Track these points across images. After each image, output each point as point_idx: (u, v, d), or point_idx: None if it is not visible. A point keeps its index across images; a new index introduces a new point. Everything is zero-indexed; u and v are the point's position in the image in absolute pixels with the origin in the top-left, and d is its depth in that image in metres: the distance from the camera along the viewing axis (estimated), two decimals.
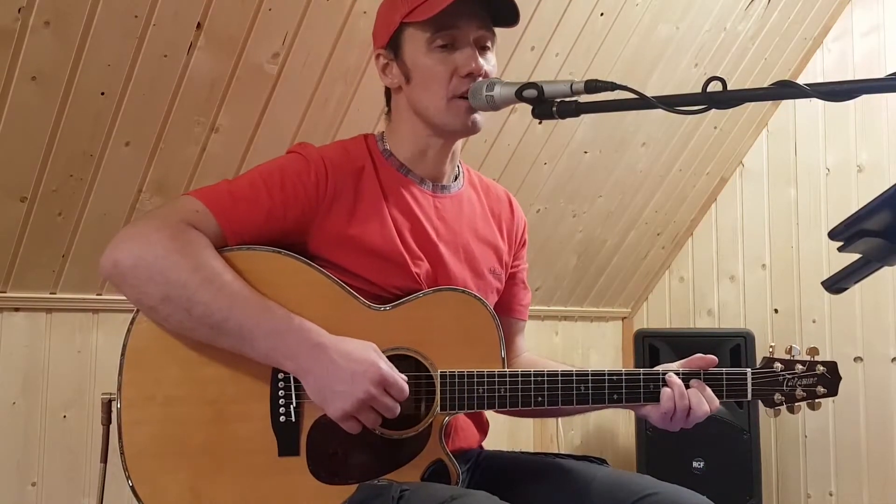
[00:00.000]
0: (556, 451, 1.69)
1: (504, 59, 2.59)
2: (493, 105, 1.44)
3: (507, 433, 3.25)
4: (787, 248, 3.65)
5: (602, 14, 2.71)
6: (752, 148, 3.74)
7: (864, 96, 1.05)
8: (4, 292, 2.18)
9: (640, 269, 3.82)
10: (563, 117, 1.32)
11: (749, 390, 1.52)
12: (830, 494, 3.53)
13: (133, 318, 1.39)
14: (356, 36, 2.24)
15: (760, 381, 1.52)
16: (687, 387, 1.48)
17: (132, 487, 1.36)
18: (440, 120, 1.50)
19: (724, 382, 1.50)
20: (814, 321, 3.56)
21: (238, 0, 2.02)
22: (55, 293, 2.25)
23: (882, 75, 1.00)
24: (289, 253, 1.43)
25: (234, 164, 2.28)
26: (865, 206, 0.94)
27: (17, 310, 2.21)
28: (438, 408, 1.42)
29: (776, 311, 3.66)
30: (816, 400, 1.53)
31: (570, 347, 3.68)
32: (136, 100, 2.02)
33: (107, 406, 1.49)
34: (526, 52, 2.62)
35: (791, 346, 1.54)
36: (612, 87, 1.25)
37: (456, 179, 1.61)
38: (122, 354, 1.38)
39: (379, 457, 1.39)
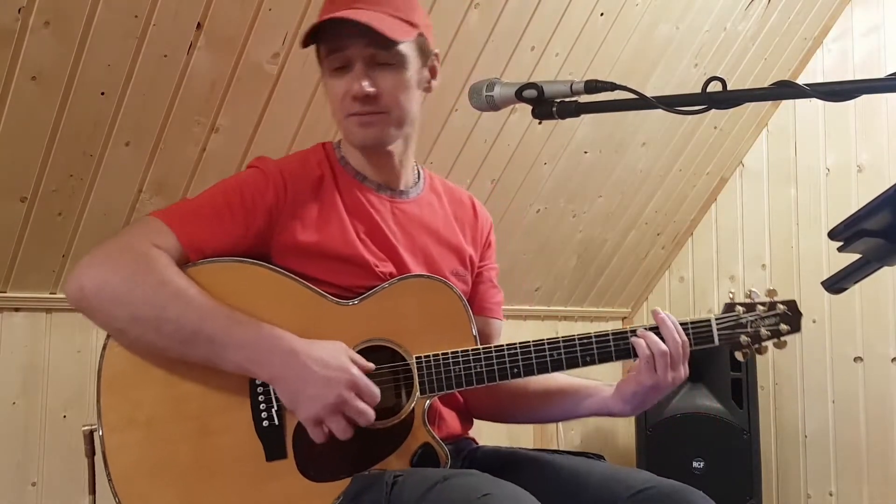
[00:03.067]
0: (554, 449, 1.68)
1: (504, 59, 2.59)
2: (493, 105, 1.44)
3: (506, 432, 3.25)
4: (787, 248, 3.65)
5: (602, 14, 2.71)
6: (752, 148, 3.74)
7: (864, 96, 1.04)
8: (4, 292, 2.18)
9: (640, 269, 3.82)
10: (562, 117, 1.31)
11: (715, 335, 1.52)
12: (830, 494, 3.53)
13: (105, 344, 1.39)
14: None
15: (725, 325, 1.53)
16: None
17: None
18: (345, 136, 1.55)
19: (691, 331, 1.51)
20: (814, 321, 3.56)
21: (238, 0, 2.02)
22: (55, 293, 2.25)
23: (882, 75, 1.00)
24: (251, 261, 1.44)
25: (234, 164, 2.28)
26: (865, 206, 0.94)
27: (17, 310, 2.21)
28: (418, 392, 1.44)
29: None
30: (782, 338, 1.54)
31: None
32: (136, 100, 2.02)
33: (89, 437, 1.47)
34: (526, 52, 2.62)
35: (751, 291, 1.56)
36: (612, 87, 1.24)
37: (416, 185, 1.63)
38: (98, 381, 1.38)
39: (366, 449, 1.40)
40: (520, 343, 1.47)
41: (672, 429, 3.28)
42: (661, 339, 1.48)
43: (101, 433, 1.37)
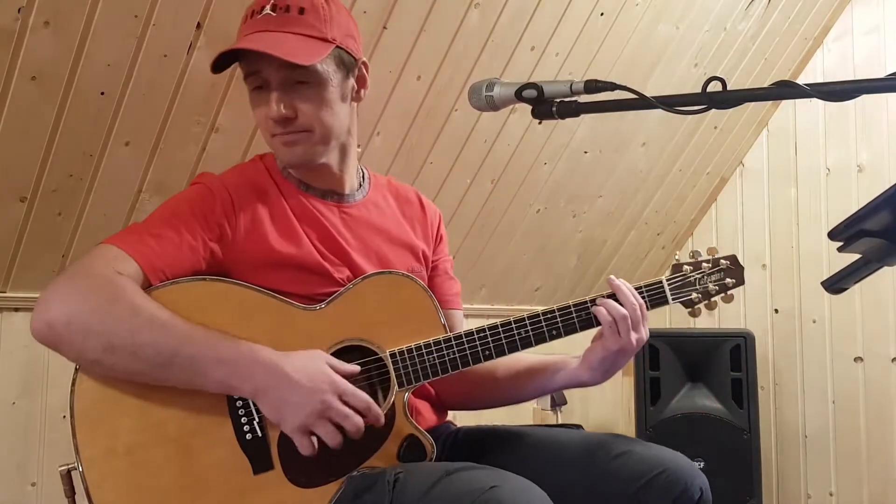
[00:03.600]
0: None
1: (504, 58, 2.59)
2: (493, 105, 1.44)
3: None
4: (787, 248, 3.65)
5: (602, 14, 2.71)
6: (752, 148, 3.74)
7: (864, 96, 1.04)
8: (4, 292, 2.18)
9: (640, 269, 3.82)
10: (562, 117, 1.32)
11: (668, 295, 1.60)
12: (830, 494, 3.53)
13: (74, 380, 1.38)
14: None
15: (675, 285, 1.61)
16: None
17: None
18: (275, 156, 1.57)
19: (645, 293, 1.58)
20: (814, 321, 3.56)
21: (238, 0, 2.02)
22: None
23: (882, 75, 1.00)
24: (213, 276, 1.44)
25: (234, 164, 2.27)
26: (865, 206, 0.94)
27: (17, 310, 2.21)
28: (396, 386, 1.45)
29: (776, 311, 3.65)
30: (729, 292, 1.64)
31: (570, 347, 3.67)
32: (136, 100, 2.02)
33: (66, 478, 1.43)
34: (526, 52, 2.62)
35: (694, 251, 1.65)
36: (612, 87, 1.24)
37: (360, 187, 1.64)
38: (71, 417, 1.37)
39: (352, 449, 1.40)
40: (488, 325, 1.50)
41: (672, 429, 3.27)
42: (620, 304, 1.53)
43: (80, 469, 1.35)
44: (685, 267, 1.62)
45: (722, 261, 1.64)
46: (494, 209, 2.99)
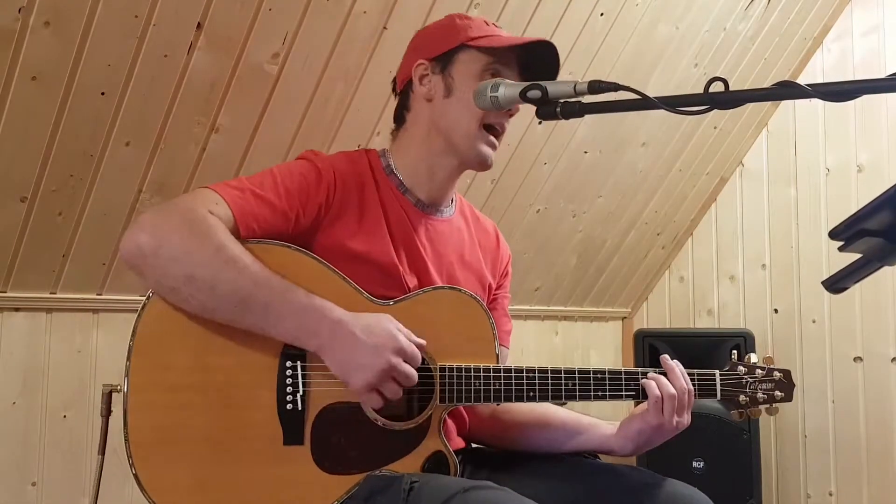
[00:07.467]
0: None
1: None
2: (498, 105, 1.45)
3: None
4: (787, 248, 3.65)
5: (602, 14, 2.71)
6: (752, 148, 3.74)
7: (864, 96, 1.04)
8: (4, 292, 2.18)
9: (640, 269, 3.82)
10: (566, 118, 1.32)
11: (718, 389, 1.62)
12: (830, 494, 3.53)
13: (144, 304, 1.40)
14: (356, 36, 2.24)
15: (727, 382, 1.63)
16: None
17: (135, 474, 1.36)
18: (463, 142, 1.58)
19: (696, 381, 1.59)
20: (814, 321, 3.56)
21: (238, 0, 2.02)
22: (55, 293, 2.25)
23: (882, 75, 1.00)
24: (299, 248, 1.47)
25: (234, 164, 2.28)
26: (866, 205, 0.94)
27: (17, 310, 2.21)
28: (437, 400, 1.46)
29: (776, 311, 3.65)
30: (774, 405, 1.65)
31: (570, 347, 3.68)
32: (136, 100, 2.02)
33: (107, 397, 1.51)
34: None
35: (749, 356, 1.66)
36: (616, 87, 1.24)
37: (449, 206, 1.67)
38: (132, 338, 1.39)
39: (380, 448, 1.42)
40: (538, 368, 1.52)
41: None
42: (671, 383, 1.54)
43: (125, 390, 1.38)
44: (740, 367, 1.63)
45: (776, 372, 1.65)
46: (494, 209, 2.99)
